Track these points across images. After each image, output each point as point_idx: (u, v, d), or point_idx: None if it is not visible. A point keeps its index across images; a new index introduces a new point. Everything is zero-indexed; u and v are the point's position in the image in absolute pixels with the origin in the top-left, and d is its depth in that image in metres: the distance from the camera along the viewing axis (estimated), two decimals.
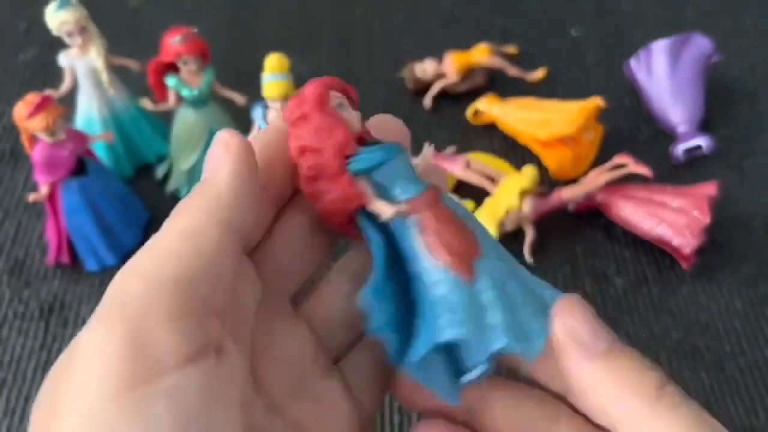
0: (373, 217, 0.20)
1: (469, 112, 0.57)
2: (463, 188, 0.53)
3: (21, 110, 0.41)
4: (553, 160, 0.52)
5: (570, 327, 0.19)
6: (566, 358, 0.19)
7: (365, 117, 0.24)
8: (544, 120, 0.52)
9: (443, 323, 0.19)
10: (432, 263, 0.20)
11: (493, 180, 0.51)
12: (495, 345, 0.19)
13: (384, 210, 0.20)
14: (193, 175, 0.50)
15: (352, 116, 0.22)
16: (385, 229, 0.20)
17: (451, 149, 0.54)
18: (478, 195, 0.51)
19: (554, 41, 0.65)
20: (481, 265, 0.20)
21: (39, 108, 0.41)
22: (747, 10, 0.69)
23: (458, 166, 0.51)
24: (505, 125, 0.55)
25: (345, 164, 0.20)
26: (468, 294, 0.19)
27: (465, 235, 0.20)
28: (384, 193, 0.20)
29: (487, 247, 0.20)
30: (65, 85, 0.49)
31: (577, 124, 0.51)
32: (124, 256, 0.48)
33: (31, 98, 0.41)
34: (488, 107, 0.55)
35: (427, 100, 0.58)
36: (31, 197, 0.44)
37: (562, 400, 0.21)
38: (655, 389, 0.19)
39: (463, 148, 0.55)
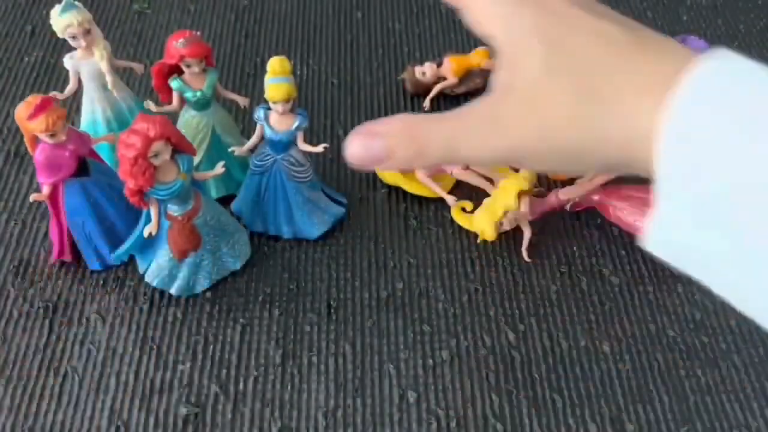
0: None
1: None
2: (461, 188, 0.53)
3: (22, 111, 0.41)
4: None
5: None
6: None
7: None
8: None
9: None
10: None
11: (491, 181, 0.52)
12: None
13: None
14: None
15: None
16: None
17: None
18: (477, 196, 0.52)
19: None
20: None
21: (40, 109, 0.41)
22: (740, 13, 0.70)
23: (457, 167, 0.52)
24: None
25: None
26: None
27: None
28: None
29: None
30: (70, 87, 0.49)
31: None
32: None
33: (32, 100, 0.41)
34: None
35: (427, 102, 0.59)
36: (33, 197, 0.44)
37: None
38: None
39: None
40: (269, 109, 0.46)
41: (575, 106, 0.25)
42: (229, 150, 0.49)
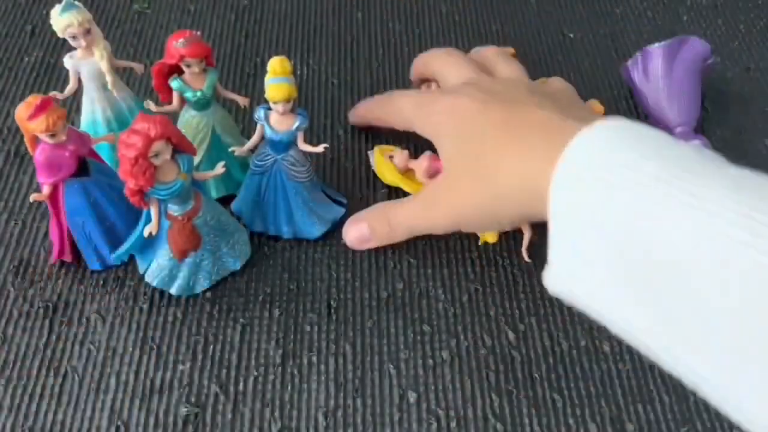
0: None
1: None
2: None
3: (22, 112, 0.41)
4: None
5: None
6: None
7: None
8: None
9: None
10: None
11: None
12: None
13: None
14: None
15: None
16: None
17: None
18: None
19: (550, 45, 0.66)
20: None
21: (40, 110, 0.41)
22: (741, 13, 0.70)
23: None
24: None
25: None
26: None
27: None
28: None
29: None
30: (70, 87, 0.49)
31: None
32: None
33: (32, 100, 0.41)
34: None
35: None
36: (33, 197, 0.44)
37: None
38: None
39: None
40: (269, 109, 0.46)
41: (475, 182, 0.34)
42: (229, 150, 0.49)
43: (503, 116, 0.34)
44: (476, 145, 0.34)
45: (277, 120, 0.46)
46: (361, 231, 0.40)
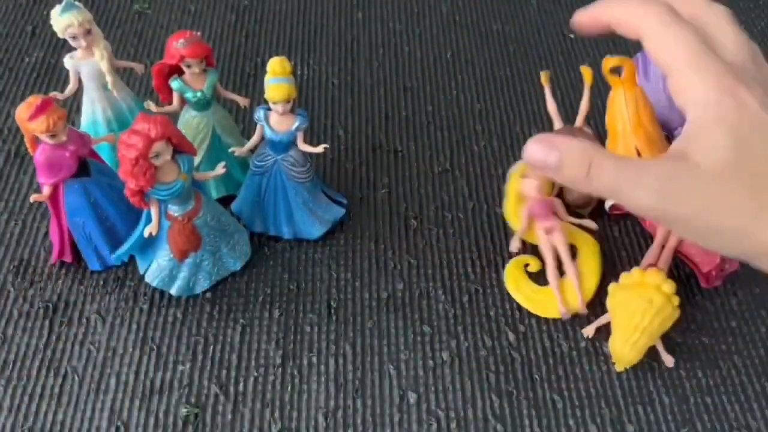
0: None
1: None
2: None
3: (22, 112, 0.41)
4: None
5: None
6: None
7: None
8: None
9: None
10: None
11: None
12: None
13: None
14: None
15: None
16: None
17: (588, 222, 0.51)
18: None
19: (550, 45, 0.66)
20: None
21: (40, 110, 0.41)
22: (741, 13, 0.70)
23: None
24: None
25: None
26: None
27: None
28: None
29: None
30: (70, 87, 0.49)
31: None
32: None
33: (33, 100, 0.41)
34: None
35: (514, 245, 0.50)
36: (33, 198, 0.44)
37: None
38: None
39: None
40: (269, 109, 0.45)
41: (743, 202, 0.29)
42: (229, 150, 0.49)
43: None
44: (758, 160, 0.29)
45: (276, 120, 0.46)
46: (548, 157, 0.31)
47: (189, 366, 0.45)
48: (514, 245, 0.49)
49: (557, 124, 0.53)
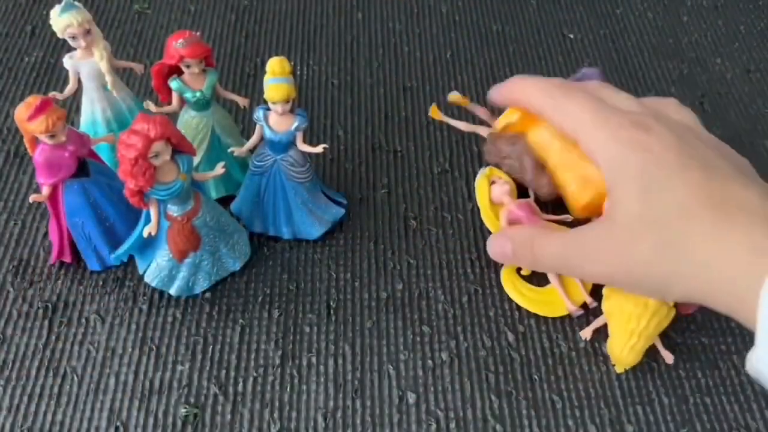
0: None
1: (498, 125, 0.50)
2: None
3: (22, 112, 0.41)
4: (580, 203, 0.43)
5: None
6: None
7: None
8: (583, 177, 0.42)
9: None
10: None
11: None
12: None
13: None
14: None
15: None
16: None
17: (564, 217, 0.50)
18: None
19: (550, 45, 0.66)
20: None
21: (39, 110, 0.41)
22: (741, 14, 0.70)
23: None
24: (538, 147, 0.44)
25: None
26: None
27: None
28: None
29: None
30: (69, 87, 0.49)
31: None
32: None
33: (32, 100, 0.41)
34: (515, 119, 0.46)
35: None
36: (32, 198, 0.44)
37: None
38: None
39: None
40: (269, 109, 0.45)
41: (657, 252, 0.30)
42: (229, 150, 0.49)
43: (704, 186, 0.29)
44: (667, 207, 0.29)
45: (276, 120, 0.46)
46: (504, 249, 0.36)
47: (188, 366, 0.45)
48: (506, 276, 0.49)
49: (484, 130, 0.53)
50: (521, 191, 0.51)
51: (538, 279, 0.49)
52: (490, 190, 0.50)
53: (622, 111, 0.33)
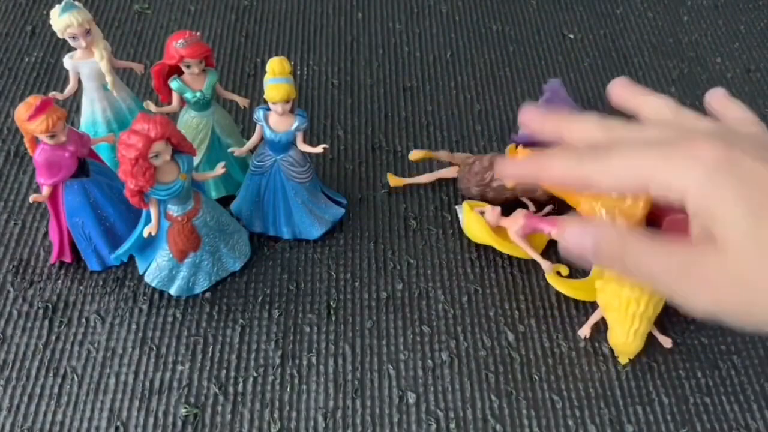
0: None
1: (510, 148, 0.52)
2: (555, 249, 0.49)
3: (22, 112, 0.41)
4: (637, 216, 0.45)
5: None
6: None
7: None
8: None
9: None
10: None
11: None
12: None
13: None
14: None
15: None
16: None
17: (548, 208, 0.52)
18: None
19: (550, 45, 0.66)
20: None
21: (39, 110, 0.41)
22: (741, 14, 0.70)
23: (556, 228, 0.47)
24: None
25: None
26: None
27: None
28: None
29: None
30: (69, 87, 0.49)
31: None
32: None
33: (32, 100, 0.41)
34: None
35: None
36: (32, 198, 0.44)
37: None
38: None
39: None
40: (269, 109, 0.45)
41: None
42: (229, 150, 0.49)
43: None
44: None
45: (276, 120, 0.46)
46: (584, 244, 0.30)
47: (188, 366, 0.45)
48: (551, 278, 0.48)
49: (446, 173, 0.53)
50: (506, 209, 0.50)
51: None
52: (485, 218, 0.49)
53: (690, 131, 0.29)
